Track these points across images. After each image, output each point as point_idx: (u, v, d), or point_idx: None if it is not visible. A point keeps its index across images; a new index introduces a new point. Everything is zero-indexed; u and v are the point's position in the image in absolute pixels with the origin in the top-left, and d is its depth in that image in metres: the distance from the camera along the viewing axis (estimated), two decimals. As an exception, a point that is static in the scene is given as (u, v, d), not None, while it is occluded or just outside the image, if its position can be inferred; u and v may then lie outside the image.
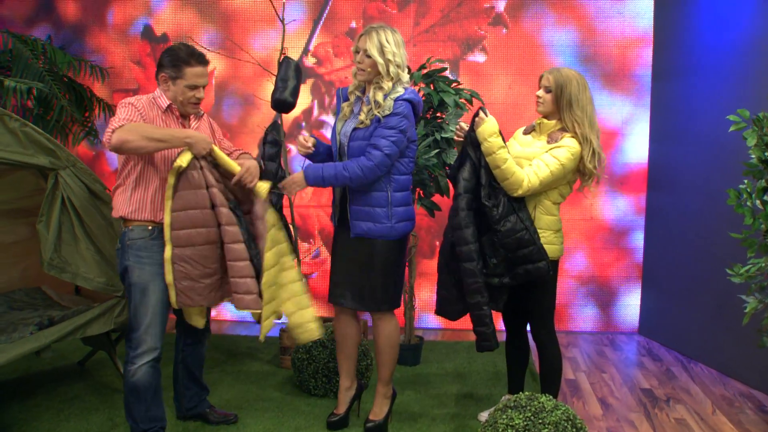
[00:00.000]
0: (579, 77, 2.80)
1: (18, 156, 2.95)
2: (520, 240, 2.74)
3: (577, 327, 4.64)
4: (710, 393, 3.56)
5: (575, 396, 3.53)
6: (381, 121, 2.77)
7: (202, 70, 2.68)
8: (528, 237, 2.74)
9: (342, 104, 2.98)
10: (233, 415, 3.11)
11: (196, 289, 2.66)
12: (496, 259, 2.80)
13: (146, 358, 2.60)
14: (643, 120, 4.46)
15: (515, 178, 2.71)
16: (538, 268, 2.75)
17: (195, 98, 2.70)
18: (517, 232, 2.73)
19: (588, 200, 4.51)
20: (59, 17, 4.86)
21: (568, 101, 2.77)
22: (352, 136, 2.85)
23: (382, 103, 2.79)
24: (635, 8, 4.41)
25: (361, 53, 2.81)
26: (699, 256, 4.01)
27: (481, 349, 2.85)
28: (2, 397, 3.34)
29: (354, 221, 2.87)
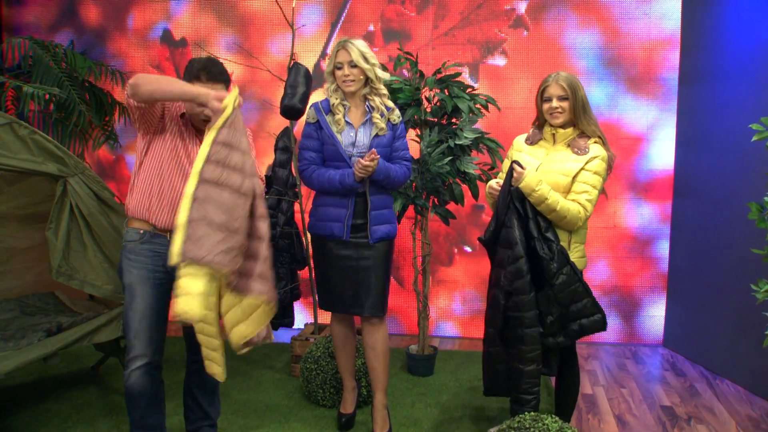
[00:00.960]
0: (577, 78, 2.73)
1: (27, 164, 2.97)
2: (574, 293, 2.60)
3: (598, 338, 4.49)
4: (735, 413, 3.40)
5: (591, 412, 3.41)
6: (394, 126, 2.94)
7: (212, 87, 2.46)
8: (582, 289, 2.62)
9: (330, 117, 2.92)
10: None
11: (210, 238, 2.24)
12: (552, 316, 2.64)
13: (137, 363, 2.54)
14: (669, 125, 4.30)
15: (571, 215, 2.61)
16: (594, 321, 2.63)
17: (203, 115, 2.49)
18: (572, 284, 2.60)
19: (611, 207, 4.37)
20: (81, 22, 4.91)
21: (582, 106, 2.69)
22: (374, 143, 2.88)
23: (395, 109, 2.95)
24: (662, 9, 4.24)
25: (346, 66, 2.85)
26: (726, 267, 3.85)
27: (513, 413, 2.69)
28: (16, 401, 3.38)
29: (373, 227, 2.90)
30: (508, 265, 2.62)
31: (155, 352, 2.57)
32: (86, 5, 4.88)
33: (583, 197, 2.64)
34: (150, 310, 2.56)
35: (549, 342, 2.66)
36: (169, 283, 2.47)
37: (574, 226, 2.66)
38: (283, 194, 3.67)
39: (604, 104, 4.34)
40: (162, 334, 2.62)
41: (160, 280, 2.56)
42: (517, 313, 2.62)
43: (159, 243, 2.57)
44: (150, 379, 2.57)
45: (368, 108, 2.89)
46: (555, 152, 2.73)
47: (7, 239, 3.53)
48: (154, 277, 2.56)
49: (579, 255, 2.73)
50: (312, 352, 3.42)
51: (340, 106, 2.91)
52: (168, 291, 2.54)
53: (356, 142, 2.89)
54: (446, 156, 3.53)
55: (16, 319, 3.36)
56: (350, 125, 2.91)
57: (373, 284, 2.93)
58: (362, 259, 2.92)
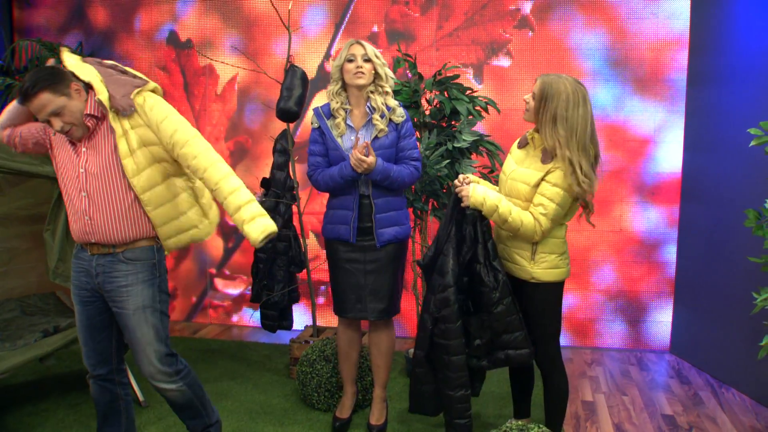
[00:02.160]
0: (573, 92, 2.47)
1: (26, 166, 3.01)
2: (509, 324, 2.61)
3: (604, 343, 4.43)
4: (739, 423, 3.33)
5: (590, 420, 3.35)
6: (398, 126, 2.90)
7: (33, 105, 2.26)
8: (518, 322, 2.61)
9: (331, 121, 2.93)
10: None
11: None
12: (481, 340, 2.67)
13: (88, 374, 2.55)
14: (677, 127, 4.21)
15: (524, 227, 2.55)
16: (520, 354, 2.63)
17: (57, 132, 2.34)
18: (509, 315, 2.60)
19: (617, 211, 4.30)
20: (90, 24, 4.96)
21: (552, 117, 2.49)
22: (374, 146, 2.87)
23: (396, 108, 2.91)
24: (671, 8, 4.16)
25: (359, 58, 2.85)
26: (735, 273, 3.75)
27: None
28: (16, 400, 3.42)
29: (380, 230, 2.91)
30: (438, 293, 2.61)
31: (96, 365, 2.52)
32: (94, 7, 4.93)
33: (538, 210, 2.54)
34: (82, 327, 2.49)
35: (472, 363, 2.69)
36: (99, 300, 2.46)
37: (530, 239, 2.58)
38: (281, 197, 3.66)
39: (610, 106, 4.27)
40: (102, 347, 2.52)
41: (86, 298, 2.47)
42: (443, 341, 2.63)
43: (84, 258, 2.46)
44: (99, 389, 2.55)
45: (369, 109, 2.88)
46: (531, 157, 2.64)
47: (10, 240, 3.58)
48: (80, 294, 2.47)
49: (547, 266, 2.63)
50: (308, 355, 3.41)
51: (341, 110, 2.91)
52: (101, 308, 2.48)
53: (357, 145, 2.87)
54: (445, 159, 3.49)
55: (16, 319, 3.41)
56: (351, 128, 2.91)
57: (380, 288, 2.95)
58: (369, 262, 2.94)
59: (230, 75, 4.71)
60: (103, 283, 2.41)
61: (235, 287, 4.86)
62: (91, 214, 2.36)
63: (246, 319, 4.87)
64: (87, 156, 2.36)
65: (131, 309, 2.40)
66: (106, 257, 2.41)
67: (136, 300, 2.41)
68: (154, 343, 2.44)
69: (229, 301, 4.89)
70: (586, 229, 4.33)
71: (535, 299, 2.65)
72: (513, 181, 2.63)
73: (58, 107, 2.24)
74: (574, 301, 4.42)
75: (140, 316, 2.41)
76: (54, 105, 2.23)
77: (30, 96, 2.22)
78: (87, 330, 2.48)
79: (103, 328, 2.50)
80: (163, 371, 2.46)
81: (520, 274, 2.66)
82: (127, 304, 2.40)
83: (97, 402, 2.57)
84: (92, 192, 2.35)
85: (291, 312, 3.86)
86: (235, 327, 4.85)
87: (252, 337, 4.65)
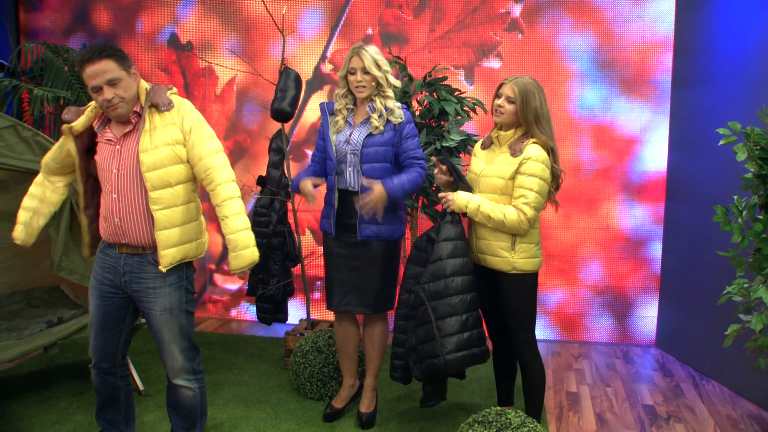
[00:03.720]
0: (539, 88, 2.72)
1: (30, 164, 3.14)
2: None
3: (591, 338, 4.55)
4: (716, 412, 3.45)
5: (572, 410, 3.48)
6: (397, 127, 3.00)
7: (94, 68, 2.29)
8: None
9: (331, 118, 3.06)
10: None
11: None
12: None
13: (91, 363, 2.65)
14: (663, 127, 4.33)
15: (509, 221, 2.69)
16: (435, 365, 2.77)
17: (105, 101, 2.35)
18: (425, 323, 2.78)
19: (604, 209, 4.42)
20: (93, 27, 5.10)
21: (535, 116, 2.71)
22: (366, 143, 2.99)
23: (395, 110, 3.01)
24: (656, 12, 4.28)
25: (359, 72, 2.96)
26: (717, 269, 3.87)
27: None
28: (22, 389, 3.56)
29: (362, 225, 3.01)
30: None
31: (101, 359, 2.60)
32: (98, 11, 5.07)
33: (520, 201, 2.70)
34: (96, 320, 2.56)
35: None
36: (119, 297, 2.52)
37: (517, 230, 2.72)
38: (276, 194, 3.80)
39: (597, 106, 4.39)
40: (111, 343, 2.59)
41: (108, 293, 2.53)
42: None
43: (111, 255, 2.52)
44: (101, 380, 2.66)
45: (370, 109, 3.02)
46: (499, 155, 2.80)
47: (16, 235, 3.72)
48: (101, 289, 2.53)
49: (526, 255, 2.77)
50: (301, 346, 3.54)
51: (344, 110, 3.05)
52: (119, 305, 2.54)
53: (350, 140, 3.01)
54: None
55: (22, 310, 3.55)
56: (350, 125, 3.05)
57: (366, 284, 3.07)
58: (355, 258, 3.06)
59: (229, 76, 4.85)
60: (131, 282, 2.48)
61: (234, 283, 5.00)
62: (120, 215, 2.43)
63: (244, 313, 5.01)
64: (120, 155, 2.42)
65: (158, 310, 2.48)
66: (135, 257, 2.47)
67: (164, 302, 2.48)
68: (178, 340, 2.52)
69: (227, 296, 5.03)
70: (574, 226, 4.46)
71: (513, 289, 2.79)
72: (486, 178, 2.79)
73: (117, 78, 2.31)
74: (562, 297, 4.54)
75: (167, 317, 2.49)
76: (114, 73, 2.30)
77: (95, 59, 2.26)
78: (100, 324, 2.55)
79: (116, 324, 2.58)
80: (185, 367, 2.55)
81: (501, 266, 2.79)
82: (154, 305, 2.48)
83: (98, 390, 2.69)
84: (120, 193, 2.43)
85: (286, 305, 4.00)
86: (234, 321, 4.99)
87: (249, 330, 4.79)
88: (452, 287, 2.72)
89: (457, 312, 2.71)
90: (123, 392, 2.71)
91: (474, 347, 2.73)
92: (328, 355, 3.46)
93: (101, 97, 2.32)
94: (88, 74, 2.29)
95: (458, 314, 2.71)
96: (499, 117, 2.77)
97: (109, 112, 2.38)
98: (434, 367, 2.73)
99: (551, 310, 4.57)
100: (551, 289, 4.53)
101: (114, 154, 2.44)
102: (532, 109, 2.69)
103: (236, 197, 2.45)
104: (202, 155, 2.44)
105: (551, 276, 4.51)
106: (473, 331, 2.73)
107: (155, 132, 2.41)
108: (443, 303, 2.71)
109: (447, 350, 2.68)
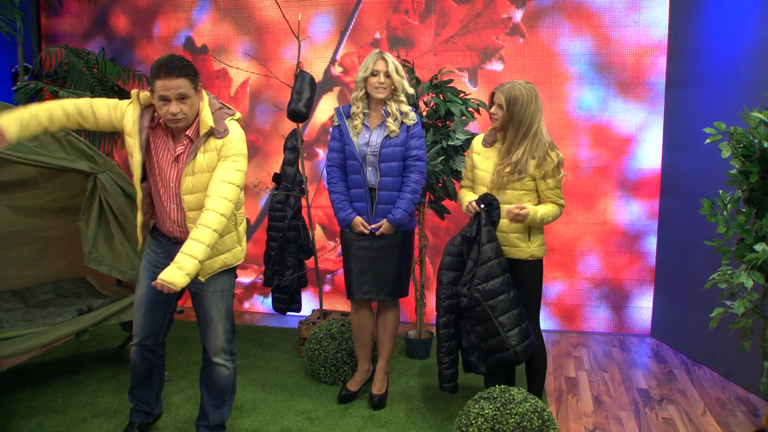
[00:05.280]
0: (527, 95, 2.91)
1: (63, 162, 3.36)
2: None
3: (589, 328, 4.77)
4: (706, 395, 3.66)
5: (571, 393, 3.69)
6: (409, 128, 3.26)
7: (170, 83, 2.42)
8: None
9: (349, 121, 3.29)
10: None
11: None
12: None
13: (134, 341, 2.87)
14: (657, 127, 4.55)
15: (554, 215, 3.02)
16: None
17: (170, 114, 2.47)
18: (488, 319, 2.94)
19: (602, 204, 4.64)
20: (112, 31, 5.32)
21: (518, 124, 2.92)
22: (384, 144, 3.25)
23: (409, 113, 3.27)
24: (651, 17, 4.49)
25: (382, 75, 3.21)
26: (708, 261, 4.07)
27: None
28: (52, 373, 3.78)
29: (378, 218, 3.28)
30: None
31: (147, 336, 2.83)
32: (116, 15, 5.29)
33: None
34: (145, 300, 2.77)
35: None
36: None
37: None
38: (291, 190, 4.02)
39: (595, 107, 4.61)
40: (157, 322, 2.82)
41: (149, 271, 2.74)
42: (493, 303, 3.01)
43: (165, 243, 2.75)
44: (141, 357, 2.88)
45: (384, 113, 3.26)
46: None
47: (45, 229, 3.94)
48: (155, 271, 2.68)
49: (539, 243, 3.08)
50: (315, 333, 3.76)
51: (361, 114, 3.29)
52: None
53: (369, 142, 3.27)
54: (440, 156, 3.83)
55: (52, 300, 3.77)
56: (367, 128, 3.29)
57: (384, 273, 3.32)
58: (375, 249, 3.32)
59: (242, 78, 5.07)
60: None
61: (247, 276, 5.22)
62: (180, 222, 2.66)
63: (257, 305, 5.23)
64: (177, 168, 2.58)
65: (210, 291, 2.70)
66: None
67: (216, 284, 2.71)
68: (224, 321, 2.75)
69: (241, 288, 5.25)
70: (573, 221, 4.68)
71: (531, 275, 3.06)
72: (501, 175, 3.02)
73: (186, 95, 2.44)
74: (562, 289, 4.76)
75: (218, 298, 2.72)
76: (186, 90, 2.43)
77: (174, 75, 2.39)
78: (150, 303, 2.77)
79: (164, 304, 2.80)
80: (225, 348, 2.79)
81: (519, 254, 3.05)
82: (207, 286, 2.70)
83: (136, 367, 2.91)
84: (177, 203, 2.63)
85: (300, 296, 4.22)
86: (247, 313, 5.20)
87: (262, 322, 5.00)
88: (504, 285, 2.93)
89: (512, 307, 2.93)
90: (158, 371, 2.93)
91: (530, 336, 2.97)
92: (341, 341, 3.68)
93: (167, 108, 2.45)
94: (160, 85, 2.42)
95: (513, 309, 2.93)
96: (493, 123, 3.03)
97: (170, 124, 2.52)
98: (505, 360, 2.93)
99: (551, 302, 4.78)
100: (551, 281, 4.75)
101: (172, 167, 2.60)
102: (517, 117, 2.92)
103: (212, 229, 2.45)
104: (216, 177, 2.53)
105: (551, 269, 4.72)
106: (525, 323, 2.96)
107: (202, 156, 2.55)
108: (499, 300, 2.91)
109: (515, 343, 2.89)
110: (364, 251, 3.33)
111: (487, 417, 2.60)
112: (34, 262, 3.96)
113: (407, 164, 3.28)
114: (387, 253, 3.31)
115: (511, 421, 2.57)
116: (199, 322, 2.80)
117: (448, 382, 3.18)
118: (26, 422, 3.18)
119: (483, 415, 2.62)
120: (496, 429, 2.57)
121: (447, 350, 3.14)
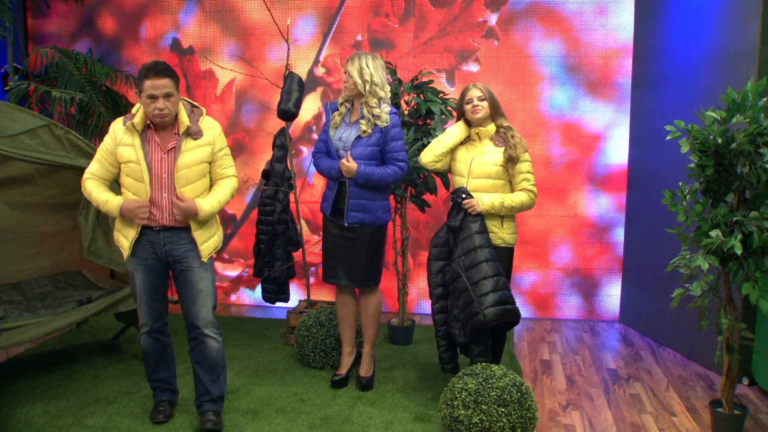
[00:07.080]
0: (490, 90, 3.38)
1: (63, 159, 3.50)
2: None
3: (562, 315, 5.04)
4: (669, 373, 3.95)
5: (545, 373, 3.95)
6: (383, 130, 3.41)
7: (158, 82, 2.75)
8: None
9: (332, 115, 3.49)
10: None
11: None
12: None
13: (143, 330, 3.09)
14: (624, 125, 4.84)
15: (525, 203, 3.28)
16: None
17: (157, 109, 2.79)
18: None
19: (573, 198, 4.91)
20: (99, 32, 5.44)
21: (496, 106, 3.34)
22: (354, 144, 3.43)
23: (382, 115, 3.41)
24: (617, 21, 4.78)
25: (346, 74, 3.41)
26: (671, 250, 4.36)
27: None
28: (50, 363, 3.92)
29: (350, 212, 3.45)
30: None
31: (155, 320, 3.07)
32: (103, 17, 5.42)
33: (526, 184, 3.29)
34: (146, 290, 3.01)
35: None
36: (161, 266, 2.99)
37: (530, 208, 3.33)
38: (280, 186, 4.21)
39: (566, 106, 4.88)
40: (159, 305, 3.08)
41: (151, 265, 2.98)
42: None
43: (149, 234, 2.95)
44: (153, 341, 3.11)
45: (360, 113, 3.45)
46: (482, 147, 3.35)
47: (41, 225, 4.08)
48: (146, 263, 2.97)
49: (511, 231, 3.35)
50: (305, 321, 3.96)
51: (343, 108, 3.50)
52: (162, 271, 3.01)
53: (343, 137, 3.46)
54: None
55: (51, 292, 3.91)
56: (345, 123, 3.49)
57: (353, 262, 3.51)
58: (345, 239, 3.50)
59: (228, 78, 5.24)
60: (171, 250, 2.94)
61: (234, 269, 5.39)
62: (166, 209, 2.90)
63: (243, 298, 5.40)
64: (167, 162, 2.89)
65: (197, 266, 2.96)
66: (171, 230, 2.93)
67: (199, 259, 2.98)
68: (211, 295, 3.01)
69: (228, 282, 5.41)
70: (545, 214, 4.95)
71: (502, 261, 3.29)
72: (482, 165, 3.31)
73: (171, 93, 2.78)
74: (536, 278, 5.03)
75: (203, 273, 2.98)
76: (170, 89, 2.78)
77: (161, 75, 2.75)
78: (151, 292, 3.02)
79: (161, 289, 3.06)
80: (212, 321, 3.03)
81: (494, 240, 3.31)
82: (193, 262, 2.96)
83: (150, 353, 3.11)
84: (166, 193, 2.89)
85: (288, 287, 4.41)
86: (234, 305, 5.38)
87: (249, 313, 5.19)
88: (481, 255, 3.16)
89: (489, 275, 3.14)
90: (170, 350, 3.16)
91: (508, 303, 3.16)
92: (329, 328, 3.88)
93: (155, 104, 2.79)
94: (149, 84, 2.76)
95: (490, 276, 3.14)
96: (478, 113, 3.30)
97: (156, 119, 2.83)
98: (477, 324, 3.13)
99: (525, 291, 5.05)
100: (525, 271, 5.01)
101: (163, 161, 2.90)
102: (494, 100, 3.32)
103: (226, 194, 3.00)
104: (223, 174, 3.03)
105: (525, 259, 4.98)
106: (505, 291, 3.17)
107: (189, 153, 2.90)
108: (475, 270, 3.15)
109: (485, 306, 3.10)
110: (336, 239, 3.52)
111: (471, 391, 2.84)
112: (30, 257, 4.10)
113: (388, 162, 3.44)
114: (356, 244, 3.49)
115: (493, 394, 2.81)
116: (186, 301, 3.02)
117: (448, 363, 3.42)
118: (32, 407, 3.32)
119: (467, 390, 2.85)
120: (479, 401, 2.80)
121: (442, 334, 3.38)
